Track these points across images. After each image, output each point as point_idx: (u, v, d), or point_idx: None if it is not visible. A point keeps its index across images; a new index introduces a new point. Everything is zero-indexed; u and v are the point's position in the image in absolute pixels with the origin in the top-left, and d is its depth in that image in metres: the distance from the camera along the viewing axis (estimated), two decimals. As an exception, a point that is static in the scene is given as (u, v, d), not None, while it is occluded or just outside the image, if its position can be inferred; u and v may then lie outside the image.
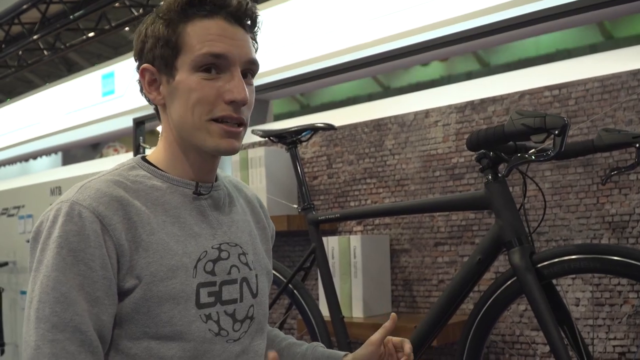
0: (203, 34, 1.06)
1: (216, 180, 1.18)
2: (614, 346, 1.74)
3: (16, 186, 4.16)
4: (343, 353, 1.32)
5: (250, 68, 1.11)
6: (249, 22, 1.12)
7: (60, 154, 8.47)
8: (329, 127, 1.99)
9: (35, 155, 5.87)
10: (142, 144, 2.74)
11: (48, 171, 6.56)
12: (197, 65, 1.06)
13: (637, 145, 1.46)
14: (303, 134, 1.97)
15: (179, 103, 1.08)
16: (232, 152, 1.11)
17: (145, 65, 1.10)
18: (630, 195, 1.74)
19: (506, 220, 1.48)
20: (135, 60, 1.14)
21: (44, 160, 8.87)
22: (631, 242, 1.74)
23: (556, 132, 1.23)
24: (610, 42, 7.85)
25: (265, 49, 2.88)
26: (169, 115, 1.12)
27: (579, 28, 8.18)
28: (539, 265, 1.44)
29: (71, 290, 0.96)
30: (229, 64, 1.07)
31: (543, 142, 1.25)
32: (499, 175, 1.50)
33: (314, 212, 1.94)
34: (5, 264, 3.91)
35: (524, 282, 1.42)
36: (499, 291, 1.51)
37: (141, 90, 1.15)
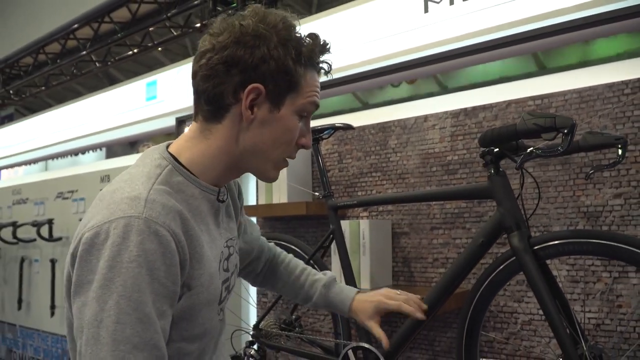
0: (312, 85, 0.97)
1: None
2: (589, 318, 1.65)
3: (70, 174, 4.03)
4: (350, 298, 1.28)
5: None
6: None
7: (104, 149, 8.34)
8: (347, 127, 1.88)
9: (83, 150, 5.70)
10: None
11: (95, 163, 6.41)
12: (302, 110, 0.96)
13: (619, 145, 1.37)
14: (325, 132, 1.86)
15: (270, 133, 0.94)
16: (272, 182, 1.04)
17: (258, 85, 0.91)
18: (603, 189, 1.65)
19: (506, 208, 1.37)
20: (231, 65, 0.90)
21: (90, 154, 8.73)
22: (604, 229, 1.64)
23: (565, 130, 1.12)
24: (543, 71, 7.76)
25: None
26: (244, 133, 0.94)
27: (517, 59, 8.14)
28: (535, 247, 1.33)
29: (150, 310, 0.81)
30: (311, 115, 1.01)
31: (553, 139, 1.15)
32: (500, 169, 1.39)
33: (333, 199, 1.83)
34: (60, 238, 3.81)
35: (522, 262, 1.32)
36: (498, 269, 1.40)
37: (211, 90, 0.93)
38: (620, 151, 1.37)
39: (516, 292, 1.78)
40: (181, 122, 2.58)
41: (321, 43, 0.98)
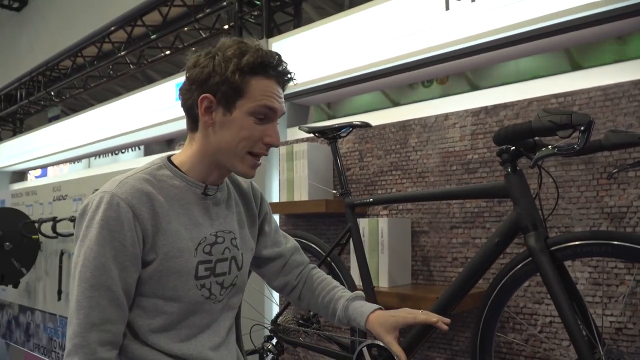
0: (264, 90, 1.10)
1: (221, 182, 1.21)
2: (610, 322, 1.57)
3: (105, 172, 4.09)
4: (369, 311, 1.29)
5: (281, 116, 1.16)
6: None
7: (142, 147, 8.49)
8: (365, 125, 1.84)
9: (122, 148, 5.77)
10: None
11: (132, 161, 6.51)
12: (255, 112, 1.10)
13: (643, 144, 1.29)
14: (342, 130, 1.83)
15: (228, 133, 1.10)
16: (250, 177, 1.17)
17: (207, 95, 1.09)
18: (628, 190, 1.56)
19: (523, 208, 1.31)
20: (192, 83, 1.12)
21: (129, 153, 8.91)
22: (628, 231, 1.56)
23: (582, 128, 1.06)
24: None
25: (306, 63, 2.77)
26: (210, 135, 1.12)
27: (550, 58, 7.91)
28: (552, 248, 1.27)
29: (107, 260, 1.03)
30: (274, 116, 1.13)
31: (569, 137, 1.08)
32: (517, 168, 1.33)
33: (350, 197, 1.79)
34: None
35: (539, 262, 1.26)
36: (514, 269, 1.35)
37: (184, 104, 1.14)
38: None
39: (536, 293, 1.72)
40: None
41: (265, 53, 1.10)
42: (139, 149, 9.06)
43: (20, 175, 6.04)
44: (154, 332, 1.10)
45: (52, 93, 5.43)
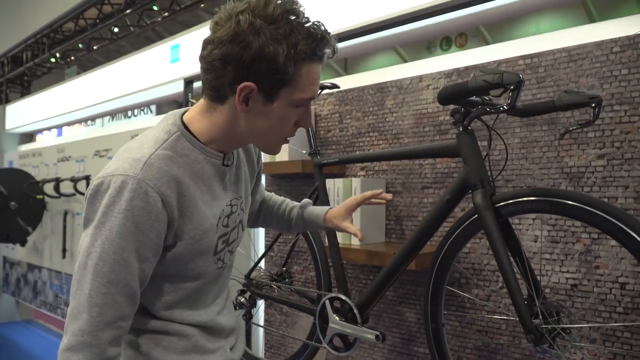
0: (310, 79, 0.98)
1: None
2: (567, 278, 1.62)
3: (105, 134, 4.18)
4: (325, 210, 1.42)
5: None
6: None
7: (154, 108, 8.57)
8: (333, 86, 1.88)
9: (132, 109, 5.73)
10: (190, 99, 2.68)
11: (144, 121, 6.53)
12: (297, 102, 0.99)
13: (593, 105, 1.32)
14: (312, 91, 1.87)
15: (266, 122, 0.99)
16: (276, 154, 1.10)
17: (249, 83, 0.94)
18: (587, 150, 1.60)
19: (472, 166, 1.36)
20: (227, 62, 0.93)
21: (142, 115, 9.03)
22: (586, 189, 1.60)
23: (512, 87, 1.09)
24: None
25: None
26: (241, 119, 0.99)
27: (569, 15, 7.73)
28: (497, 205, 1.32)
29: (129, 255, 0.94)
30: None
31: (500, 96, 1.12)
32: (469, 127, 1.37)
33: (318, 157, 1.85)
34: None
35: (483, 218, 1.31)
36: (462, 226, 1.40)
37: (212, 81, 0.97)
38: (594, 110, 1.33)
39: (499, 251, 1.77)
40: (189, 82, 2.63)
41: (319, 36, 0.96)
42: (151, 111, 9.16)
43: (29, 137, 6.18)
44: (168, 308, 1.06)
45: (57, 55, 5.50)
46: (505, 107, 1.14)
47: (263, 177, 2.58)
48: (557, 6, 1.84)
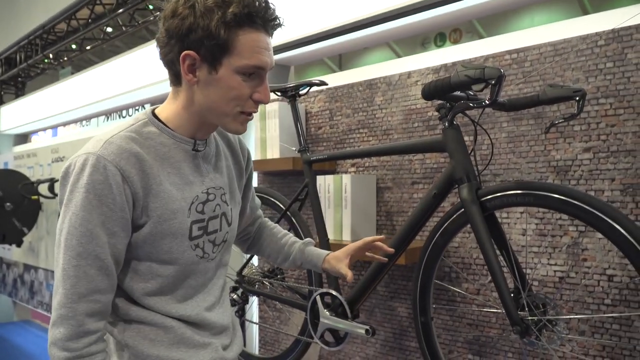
0: (253, 45, 1.00)
1: (208, 136, 1.15)
2: (555, 271, 1.63)
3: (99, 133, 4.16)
4: (326, 252, 1.40)
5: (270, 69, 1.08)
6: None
7: (149, 106, 8.51)
8: (322, 83, 1.88)
9: (128, 108, 5.73)
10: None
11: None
12: (243, 71, 1.01)
13: (577, 98, 1.33)
14: (301, 88, 1.87)
15: (215, 92, 1.03)
16: (241, 133, 1.11)
17: (190, 52, 0.99)
18: (573, 144, 1.60)
19: (458, 160, 1.37)
20: (170, 37, 1.00)
21: (136, 114, 8.93)
22: (573, 183, 1.61)
23: (493, 81, 1.10)
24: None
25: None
26: (196, 94, 1.04)
27: (565, 10, 7.73)
28: (483, 199, 1.33)
29: (95, 227, 0.97)
30: (263, 72, 1.05)
31: (481, 91, 1.13)
32: (454, 122, 1.38)
33: (308, 154, 1.86)
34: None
35: (469, 212, 1.32)
36: (449, 220, 1.41)
37: (163, 58, 1.04)
38: (578, 104, 1.33)
39: (488, 245, 1.78)
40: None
41: (248, 2, 0.99)
42: (144, 109, 9.13)
43: (24, 138, 6.17)
44: (150, 295, 1.07)
45: (50, 56, 5.49)
46: (487, 102, 1.15)
47: (255, 175, 2.59)
48: (550, 0, 1.82)
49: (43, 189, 4.50)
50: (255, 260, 2.37)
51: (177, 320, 1.10)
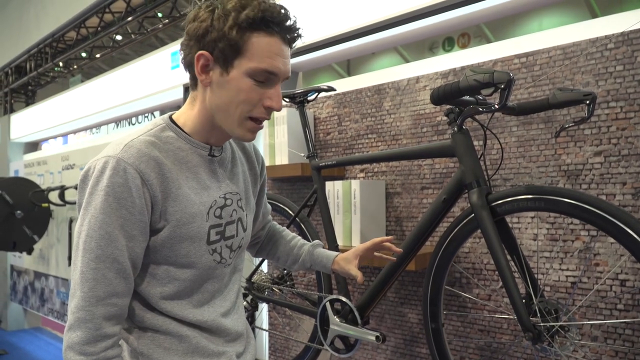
0: (265, 50, 1.01)
1: (224, 142, 1.16)
2: (566, 276, 1.62)
3: (108, 141, 4.20)
4: (335, 254, 1.42)
5: (285, 79, 1.07)
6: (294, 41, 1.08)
7: (157, 115, 8.56)
8: (330, 89, 1.88)
9: (138, 115, 5.75)
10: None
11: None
12: (254, 74, 1.01)
13: (587, 102, 1.33)
14: (309, 94, 1.88)
15: (225, 94, 1.03)
16: (249, 141, 1.10)
17: (203, 52, 1.01)
18: (584, 148, 1.59)
19: (467, 165, 1.36)
20: (190, 39, 1.03)
21: (147, 122, 9.01)
22: (584, 187, 1.60)
23: (502, 86, 1.10)
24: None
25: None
26: (208, 95, 1.06)
27: (574, 13, 7.70)
28: (493, 204, 1.32)
29: (114, 230, 0.98)
30: (276, 79, 1.04)
31: (491, 95, 1.12)
32: (463, 127, 1.38)
33: (316, 160, 1.86)
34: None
35: (479, 217, 1.32)
36: (459, 225, 1.40)
37: (184, 60, 1.07)
38: (588, 107, 1.33)
39: (499, 250, 1.77)
40: (187, 89, 2.65)
41: (264, 7, 1.00)
42: (155, 117, 9.18)
43: (34, 146, 6.22)
44: (166, 299, 1.07)
45: (60, 64, 5.54)
46: (497, 106, 1.14)
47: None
48: (559, 3, 1.81)
49: (53, 196, 4.53)
50: (264, 266, 2.38)
51: (192, 328, 1.10)
